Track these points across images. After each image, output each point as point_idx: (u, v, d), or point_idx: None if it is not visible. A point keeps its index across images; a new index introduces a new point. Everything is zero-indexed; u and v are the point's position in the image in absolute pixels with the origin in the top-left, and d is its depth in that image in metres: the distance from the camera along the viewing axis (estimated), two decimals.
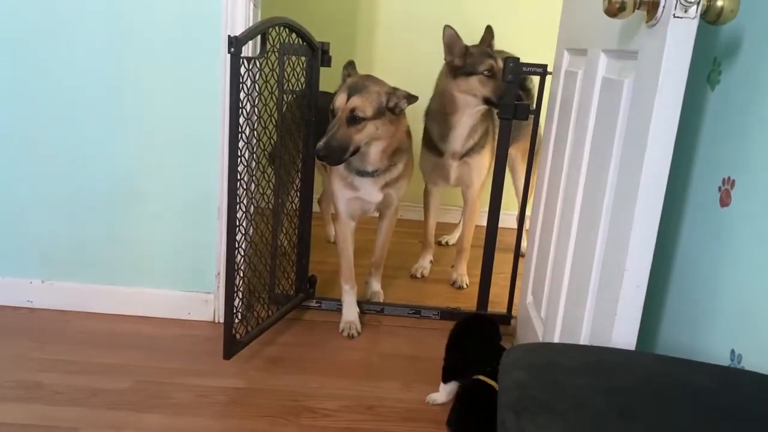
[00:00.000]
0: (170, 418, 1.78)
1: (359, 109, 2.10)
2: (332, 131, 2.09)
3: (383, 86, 2.17)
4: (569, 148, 1.77)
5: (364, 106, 2.10)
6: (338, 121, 2.10)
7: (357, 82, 2.16)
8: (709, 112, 1.42)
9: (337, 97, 2.13)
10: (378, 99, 2.13)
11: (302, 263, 2.47)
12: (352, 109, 2.10)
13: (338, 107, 2.11)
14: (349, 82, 2.17)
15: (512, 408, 0.96)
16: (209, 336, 2.23)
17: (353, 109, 2.10)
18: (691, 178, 1.46)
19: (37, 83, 2.18)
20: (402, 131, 2.28)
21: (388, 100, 2.14)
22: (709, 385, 1.04)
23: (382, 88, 2.15)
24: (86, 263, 2.33)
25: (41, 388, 1.87)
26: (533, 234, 2.20)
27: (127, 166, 2.25)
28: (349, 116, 2.10)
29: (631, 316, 1.25)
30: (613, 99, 1.39)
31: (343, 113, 2.10)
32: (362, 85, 2.14)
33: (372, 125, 2.12)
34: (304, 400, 1.92)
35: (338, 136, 2.09)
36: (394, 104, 2.15)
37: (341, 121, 2.10)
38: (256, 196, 2.16)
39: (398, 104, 2.17)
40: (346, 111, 2.10)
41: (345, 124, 2.10)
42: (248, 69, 1.90)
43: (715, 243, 1.34)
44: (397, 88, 2.18)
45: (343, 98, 2.11)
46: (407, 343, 2.34)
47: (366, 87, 2.13)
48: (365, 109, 2.10)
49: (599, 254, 1.40)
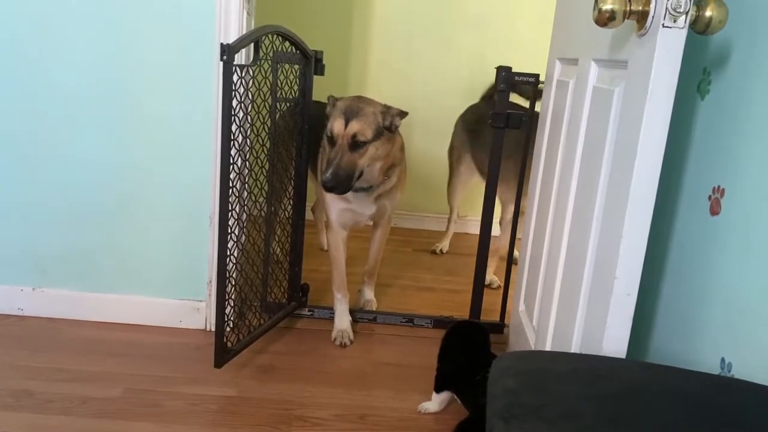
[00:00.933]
0: (161, 426, 1.77)
1: (360, 133, 2.07)
2: (337, 160, 2.05)
3: (376, 106, 2.16)
4: (561, 156, 1.77)
5: (364, 130, 2.08)
6: (340, 148, 2.07)
7: (350, 105, 2.12)
8: (699, 121, 1.43)
9: (334, 123, 2.08)
10: (375, 120, 2.11)
11: (295, 271, 2.47)
12: (353, 135, 2.07)
13: (337, 134, 2.07)
14: (342, 107, 2.12)
15: (501, 415, 0.95)
16: (200, 344, 2.22)
17: (354, 134, 2.07)
18: (681, 187, 1.46)
19: (28, 92, 2.17)
20: (397, 147, 2.28)
21: (383, 119, 2.14)
22: (699, 393, 1.04)
23: (377, 108, 2.14)
24: (77, 271, 2.32)
25: (31, 396, 1.86)
26: (525, 243, 2.20)
27: (119, 173, 2.24)
28: (351, 142, 2.07)
29: (621, 324, 1.25)
30: (603, 108, 1.39)
31: (344, 140, 2.07)
32: (357, 107, 2.11)
33: (373, 147, 2.11)
34: (295, 408, 1.91)
35: (343, 164, 2.05)
36: (389, 122, 2.15)
37: (343, 148, 2.07)
38: (248, 203, 2.16)
39: (393, 122, 2.16)
40: (347, 137, 2.07)
41: (348, 151, 2.07)
42: (241, 77, 1.90)
43: (705, 251, 1.35)
44: (389, 105, 2.18)
45: (341, 124, 2.07)
46: (400, 351, 2.34)
47: (361, 109, 2.11)
48: (366, 133, 2.08)
49: (590, 262, 1.40)
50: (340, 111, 2.10)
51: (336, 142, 2.09)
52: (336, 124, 2.08)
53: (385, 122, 2.14)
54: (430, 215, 3.78)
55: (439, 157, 3.64)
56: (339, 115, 2.09)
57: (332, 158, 2.06)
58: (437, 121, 3.64)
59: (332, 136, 2.09)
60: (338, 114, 2.09)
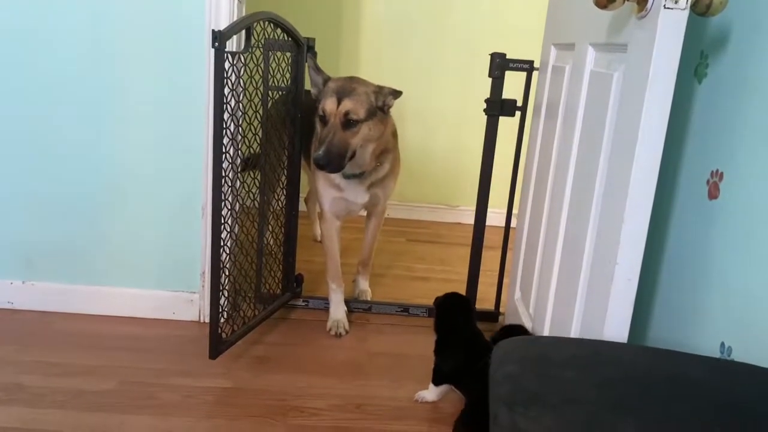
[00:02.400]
0: (156, 419, 1.75)
1: (353, 111, 2.05)
2: (329, 138, 2.03)
3: (369, 86, 2.14)
4: (557, 142, 1.76)
5: (357, 109, 2.06)
6: (333, 126, 2.05)
7: (342, 85, 2.10)
8: (697, 105, 1.42)
9: (326, 102, 2.06)
10: (368, 99, 2.09)
11: (289, 262, 2.45)
12: (345, 113, 2.04)
13: (330, 113, 2.05)
14: (334, 87, 2.09)
15: (505, 402, 0.95)
16: (195, 336, 2.20)
17: (347, 112, 2.04)
18: (679, 172, 1.46)
19: (17, 83, 2.14)
20: (389, 131, 2.27)
21: (376, 99, 2.12)
22: (701, 376, 1.04)
23: (369, 88, 2.13)
24: (68, 263, 2.29)
25: (23, 391, 1.83)
26: (521, 230, 2.20)
27: (109, 164, 2.21)
28: (344, 120, 2.05)
29: (622, 311, 1.24)
30: (602, 93, 1.38)
31: (337, 118, 2.05)
32: (349, 87, 2.09)
33: (366, 127, 2.09)
34: (291, 399, 1.90)
35: (336, 142, 2.03)
36: (382, 102, 2.13)
37: (336, 126, 2.05)
38: (241, 194, 2.14)
39: (386, 102, 2.14)
40: (339, 116, 2.04)
41: (340, 129, 2.06)
42: (233, 64, 1.87)
43: (703, 236, 1.34)
44: (382, 86, 2.16)
45: (333, 103, 2.05)
46: (395, 341, 2.33)
47: (354, 89, 2.09)
48: (358, 111, 2.06)
49: (589, 249, 1.40)
50: (332, 90, 2.08)
51: (328, 120, 2.06)
52: (328, 102, 2.06)
53: (378, 102, 2.12)
54: (423, 205, 3.77)
55: (432, 147, 3.64)
56: (331, 95, 2.07)
57: (324, 136, 2.04)
58: (430, 110, 3.63)
59: (324, 115, 2.07)
60: (330, 93, 2.07)
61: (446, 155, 3.67)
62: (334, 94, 2.06)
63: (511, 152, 2.35)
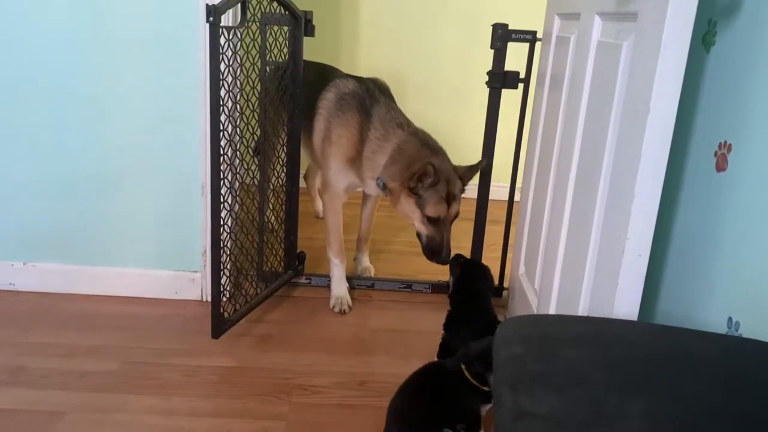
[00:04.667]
0: (159, 398, 1.75)
1: (458, 211, 2.13)
2: (447, 239, 2.11)
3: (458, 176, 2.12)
4: (562, 116, 1.72)
5: (459, 209, 2.14)
6: (444, 228, 2.11)
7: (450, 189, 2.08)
8: (704, 75, 1.38)
9: (437, 207, 2.07)
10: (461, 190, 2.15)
11: (290, 240, 2.43)
12: (455, 216, 2.13)
13: (442, 217, 2.09)
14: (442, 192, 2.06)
15: (508, 383, 0.93)
16: (197, 315, 2.19)
17: (456, 215, 2.13)
18: (686, 144, 1.42)
19: (13, 65, 2.10)
20: None
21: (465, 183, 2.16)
22: (709, 354, 1.02)
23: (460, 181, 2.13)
24: (69, 245, 2.27)
25: (26, 372, 1.83)
26: (525, 204, 2.17)
27: (107, 145, 2.18)
28: (452, 219, 2.13)
29: (633, 287, 1.22)
30: (610, 63, 1.34)
31: (448, 220, 2.11)
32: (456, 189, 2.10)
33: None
34: (295, 377, 1.89)
35: (449, 238, 2.12)
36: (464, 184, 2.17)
37: (447, 226, 2.12)
38: (240, 171, 2.11)
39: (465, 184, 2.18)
40: (450, 217, 2.12)
41: (449, 226, 2.13)
42: (228, 39, 1.83)
43: (711, 209, 1.31)
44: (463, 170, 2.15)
45: (444, 209, 2.08)
46: (398, 317, 2.32)
47: (459, 191, 2.12)
48: (459, 210, 2.14)
49: (597, 223, 1.37)
50: (441, 196, 2.07)
51: (440, 221, 2.10)
52: (440, 207, 2.08)
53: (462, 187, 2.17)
54: None
55: (433, 121, 3.57)
56: (441, 201, 2.08)
57: (443, 239, 2.11)
58: (431, 83, 3.58)
59: (438, 219, 2.09)
60: (439, 200, 2.07)
61: (448, 129, 3.58)
62: (444, 198, 2.08)
63: (514, 125, 2.31)
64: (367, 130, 2.19)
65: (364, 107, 2.22)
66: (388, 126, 2.18)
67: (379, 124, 2.18)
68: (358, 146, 2.21)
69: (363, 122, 2.20)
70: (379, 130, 2.18)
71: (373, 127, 2.19)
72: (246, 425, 1.67)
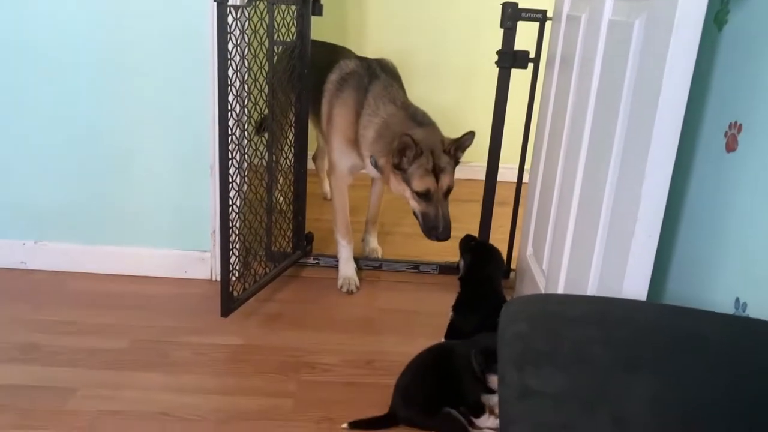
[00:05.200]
0: (169, 376, 1.77)
1: (450, 183, 2.09)
2: (444, 213, 2.08)
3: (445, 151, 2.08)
4: (572, 95, 1.71)
5: (452, 181, 2.10)
6: (438, 202, 2.07)
7: (436, 161, 2.05)
8: (715, 53, 1.36)
9: (423, 180, 2.04)
10: (452, 165, 2.11)
11: (299, 220, 2.44)
12: (447, 189, 2.09)
13: (432, 190, 2.05)
14: (426, 164, 2.04)
15: (514, 362, 0.93)
16: (206, 294, 2.21)
17: (449, 188, 2.10)
18: (696, 124, 1.41)
19: (24, 44, 2.10)
20: None
21: (455, 157, 2.12)
22: (716, 334, 1.02)
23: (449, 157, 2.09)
24: (80, 224, 2.29)
25: (38, 349, 1.86)
26: (533, 186, 2.16)
27: (117, 125, 2.19)
28: (445, 193, 2.09)
29: (642, 268, 1.22)
30: (621, 42, 1.33)
31: (440, 193, 2.08)
32: (443, 161, 2.06)
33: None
34: (303, 355, 1.91)
35: (447, 214, 2.09)
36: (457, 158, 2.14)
37: (441, 200, 2.08)
38: (248, 152, 2.11)
39: (458, 157, 2.14)
40: (442, 191, 2.08)
41: (443, 200, 2.09)
42: (236, 18, 1.82)
43: (720, 189, 1.30)
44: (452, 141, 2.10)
45: (432, 181, 2.05)
46: (406, 298, 2.33)
47: (447, 163, 2.07)
48: (452, 181, 2.11)
49: (607, 204, 1.36)
50: (426, 169, 2.04)
51: (432, 196, 2.07)
52: (426, 180, 2.05)
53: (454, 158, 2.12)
54: None
55: (441, 102, 3.55)
56: (426, 174, 2.04)
57: (438, 213, 2.07)
58: (439, 63, 3.55)
59: (426, 193, 2.06)
60: (424, 172, 2.04)
61: (456, 110, 3.59)
62: (430, 172, 2.05)
63: (523, 106, 2.30)
64: (361, 108, 2.19)
65: (362, 85, 2.21)
66: (379, 101, 2.17)
67: (372, 100, 2.18)
68: (355, 125, 2.20)
69: (359, 100, 2.20)
70: (371, 106, 2.17)
71: (367, 103, 2.18)
72: (254, 402, 1.69)
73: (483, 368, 1.52)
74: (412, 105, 2.20)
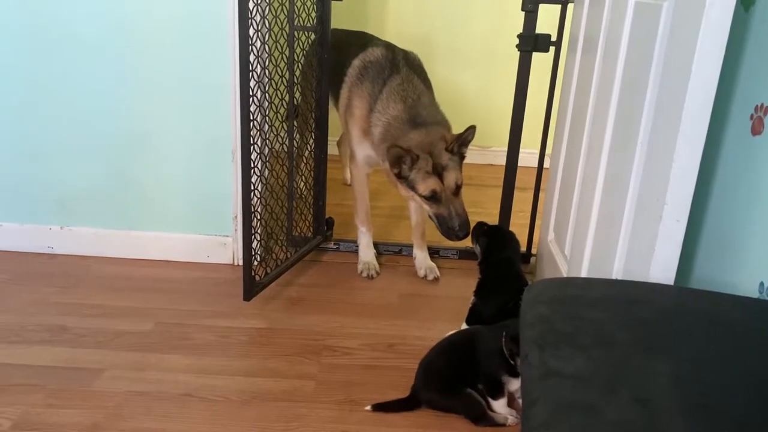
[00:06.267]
0: (192, 358, 1.81)
1: (457, 180, 2.03)
2: (457, 211, 2.02)
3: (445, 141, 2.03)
4: (596, 79, 1.69)
5: (458, 176, 2.03)
6: (449, 201, 2.03)
7: (436, 161, 1.99)
8: (742, 35, 1.34)
9: (427, 183, 2.00)
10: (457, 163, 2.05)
11: (319, 205, 2.45)
12: (456, 186, 2.03)
13: (438, 191, 2.01)
14: (426, 167, 1.99)
15: (535, 342, 0.94)
16: (229, 278, 2.24)
17: (457, 185, 2.03)
18: (722, 106, 1.39)
19: (48, 33, 2.13)
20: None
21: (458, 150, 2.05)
22: (736, 316, 1.02)
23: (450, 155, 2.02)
24: (104, 209, 2.33)
25: (65, 331, 1.90)
26: (555, 170, 2.15)
27: (140, 111, 2.21)
28: (454, 190, 2.04)
29: (670, 252, 1.21)
30: (648, 25, 1.31)
31: (448, 192, 2.03)
32: (444, 159, 2.00)
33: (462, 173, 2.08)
34: (324, 339, 1.93)
35: (461, 210, 2.04)
36: (461, 153, 2.07)
37: (451, 198, 2.03)
38: (270, 137, 2.12)
39: (462, 152, 2.07)
40: (450, 189, 2.03)
41: (454, 198, 2.04)
42: (257, 4, 1.83)
43: (745, 173, 1.29)
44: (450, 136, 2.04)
45: (436, 182, 2.00)
46: (425, 282, 2.34)
47: (450, 160, 2.01)
48: (459, 177, 2.04)
49: (633, 188, 1.35)
50: (426, 171, 2.00)
51: (440, 197, 2.03)
52: (430, 182, 2.00)
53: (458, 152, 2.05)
54: None
55: (462, 87, 3.55)
56: (427, 176, 2.00)
57: (450, 212, 2.03)
58: (459, 47, 3.53)
59: (434, 195, 2.02)
60: (426, 175, 2.00)
61: (477, 94, 3.58)
62: (432, 173, 2.00)
63: (544, 90, 2.28)
64: (375, 102, 2.14)
65: (381, 78, 2.16)
66: (391, 99, 2.11)
67: (385, 96, 2.13)
68: (368, 119, 2.17)
69: (374, 94, 2.15)
70: (382, 102, 2.12)
71: (380, 99, 2.13)
72: (276, 384, 1.71)
73: (514, 352, 1.52)
74: (423, 102, 2.13)
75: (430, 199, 2.03)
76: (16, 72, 2.18)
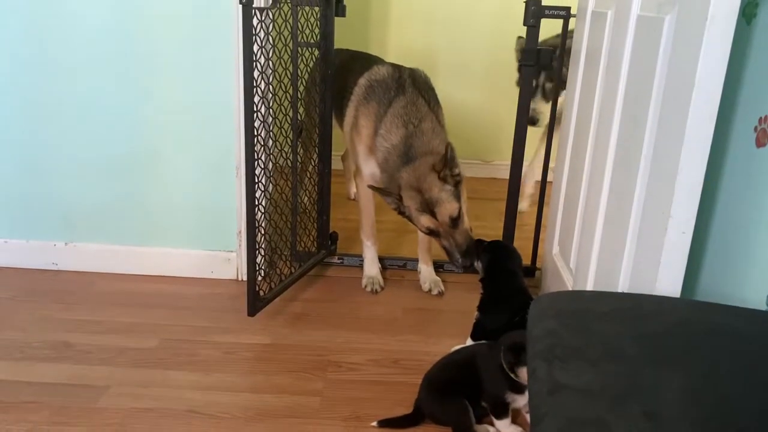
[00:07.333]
0: (198, 375, 1.80)
1: (451, 212, 1.98)
2: (457, 242, 1.99)
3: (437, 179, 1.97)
4: (599, 93, 1.70)
5: (451, 208, 1.98)
6: (448, 233, 2.00)
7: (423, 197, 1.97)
8: (744, 47, 1.35)
9: (420, 221, 2.00)
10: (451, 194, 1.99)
11: (323, 220, 2.45)
12: (451, 219, 1.99)
13: (434, 227, 2.00)
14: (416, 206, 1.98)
15: (543, 357, 0.93)
16: (233, 294, 2.23)
17: (452, 218, 1.99)
18: (725, 118, 1.39)
19: (55, 48, 2.15)
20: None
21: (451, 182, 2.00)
22: (746, 329, 1.01)
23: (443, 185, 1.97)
24: (108, 225, 2.33)
25: (70, 348, 1.89)
26: (558, 184, 2.15)
27: (145, 126, 2.22)
28: (450, 223, 2.00)
29: (675, 265, 1.21)
30: (650, 38, 1.32)
31: (444, 226, 2.00)
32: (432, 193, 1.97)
33: (461, 203, 2.02)
34: (329, 354, 1.92)
35: (462, 240, 2.00)
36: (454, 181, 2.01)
37: (450, 231, 2.00)
38: (273, 152, 2.13)
39: (456, 178, 2.01)
40: (445, 224, 1.99)
41: (453, 230, 2.00)
42: (261, 20, 1.84)
43: (750, 185, 1.29)
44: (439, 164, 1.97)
45: (429, 219, 1.99)
46: (430, 297, 2.33)
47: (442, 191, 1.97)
48: (453, 209, 1.98)
49: (638, 201, 1.35)
50: (417, 209, 1.99)
51: (439, 232, 2.02)
52: (424, 220, 2.00)
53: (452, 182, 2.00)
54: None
55: (464, 100, 3.56)
56: (419, 214, 1.99)
57: (451, 245, 2.01)
58: (462, 61, 3.54)
59: (431, 230, 2.02)
60: (417, 213, 2.00)
61: (479, 108, 3.60)
62: (426, 209, 1.98)
63: (547, 103, 2.28)
64: (380, 123, 2.13)
65: (387, 98, 2.15)
66: (394, 124, 2.09)
67: (389, 119, 2.11)
68: (374, 138, 2.16)
69: (379, 115, 2.14)
70: (385, 126, 2.11)
71: (384, 121, 2.12)
72: (282, 400, 1.70)
73: (513, 363, 1.51)
74: (422, 129, 2.08)
75: (430, 234, 2.06)
76: (21, 89, 2.19)
